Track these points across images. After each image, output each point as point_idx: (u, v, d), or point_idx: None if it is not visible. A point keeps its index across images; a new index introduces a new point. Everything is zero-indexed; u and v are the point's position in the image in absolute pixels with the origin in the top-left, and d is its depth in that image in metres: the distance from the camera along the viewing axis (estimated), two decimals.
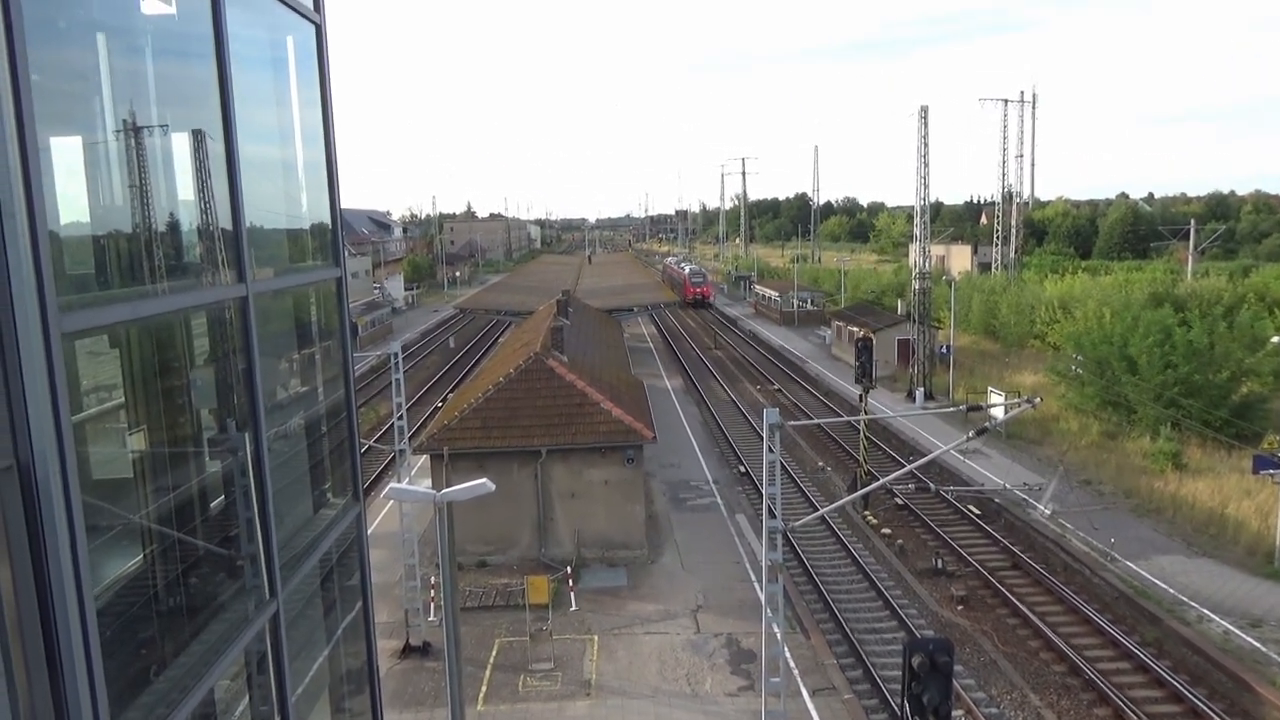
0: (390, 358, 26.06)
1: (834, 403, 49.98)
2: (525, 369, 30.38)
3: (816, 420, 23.94)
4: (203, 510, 7.01)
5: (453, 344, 74.59)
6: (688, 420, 45.85)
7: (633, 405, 31.10)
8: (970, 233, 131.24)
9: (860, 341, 35.02)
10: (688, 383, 57.05)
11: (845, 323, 60.59)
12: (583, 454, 27.83)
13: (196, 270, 6.94)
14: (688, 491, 34.80)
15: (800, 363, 60.85)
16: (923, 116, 47.15)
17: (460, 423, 28.28)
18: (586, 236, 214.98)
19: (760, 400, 52.22)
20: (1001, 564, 28.58)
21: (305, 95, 8.82)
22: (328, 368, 9.15)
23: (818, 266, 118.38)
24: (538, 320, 48.78)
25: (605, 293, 75.17)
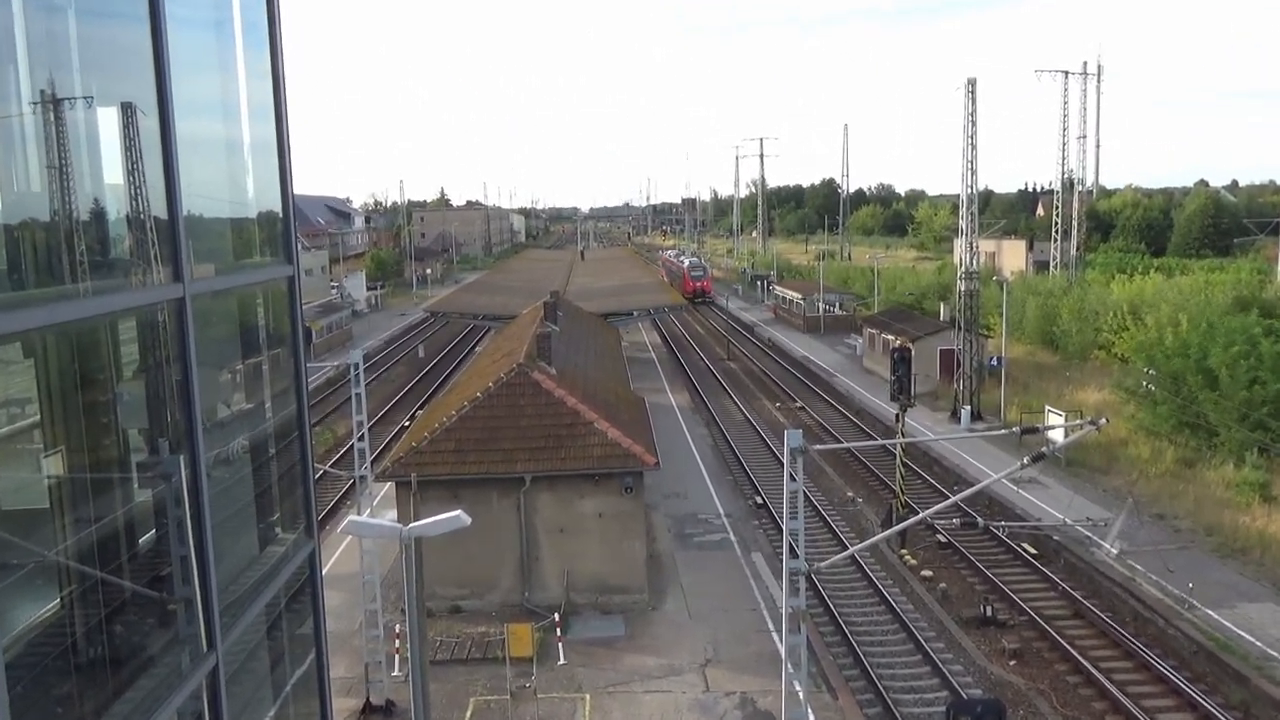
0: (350, 369, 26.06)
1: (866, 423, 49.94)
2: (507, 383, 30.37)
3: (845, 444, 23.93)
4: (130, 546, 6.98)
5: (422, 353, 74.65)
6: (696, 443, 45.83)
7: (632, 425, 31.05)
8: (1025, 226, 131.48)
9: (896, 352, 35.02)
10: (696, 399, 57.04)
11: (879, 330, 60.64)
12: (573, 482, 27.80)
13: (125, 267, 6.93)
14: (695, 526, 34.73)
15: (827, 376, 60.86)
16: (970, 91, 47.28)
17: (431, 445, 28.24)
18: (579, 228, 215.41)
19: (780, 420, 52.17)
20: (1061, 612, 28.49)
21: (253, 63, 8.83)
22: (277, 380, 9.13)
23: (847, 264, 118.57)
24: (521, 326, 48.78)
25: (600, 294, 75.25)
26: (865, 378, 59.60)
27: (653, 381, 59.70)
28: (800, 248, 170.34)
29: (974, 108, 47.29)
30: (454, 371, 65.55)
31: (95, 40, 6.76)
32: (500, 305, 69.50)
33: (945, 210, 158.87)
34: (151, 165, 6.92)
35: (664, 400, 54.39)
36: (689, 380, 63.05)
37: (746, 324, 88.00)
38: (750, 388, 61.24)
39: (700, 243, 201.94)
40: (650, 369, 64.79)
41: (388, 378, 67.19)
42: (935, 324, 58.38)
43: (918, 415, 47.14)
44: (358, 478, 25.61)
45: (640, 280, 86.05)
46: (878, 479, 41.14)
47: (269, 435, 8.98)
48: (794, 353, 70.32)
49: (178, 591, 7.06)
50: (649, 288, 79.67)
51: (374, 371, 67.37)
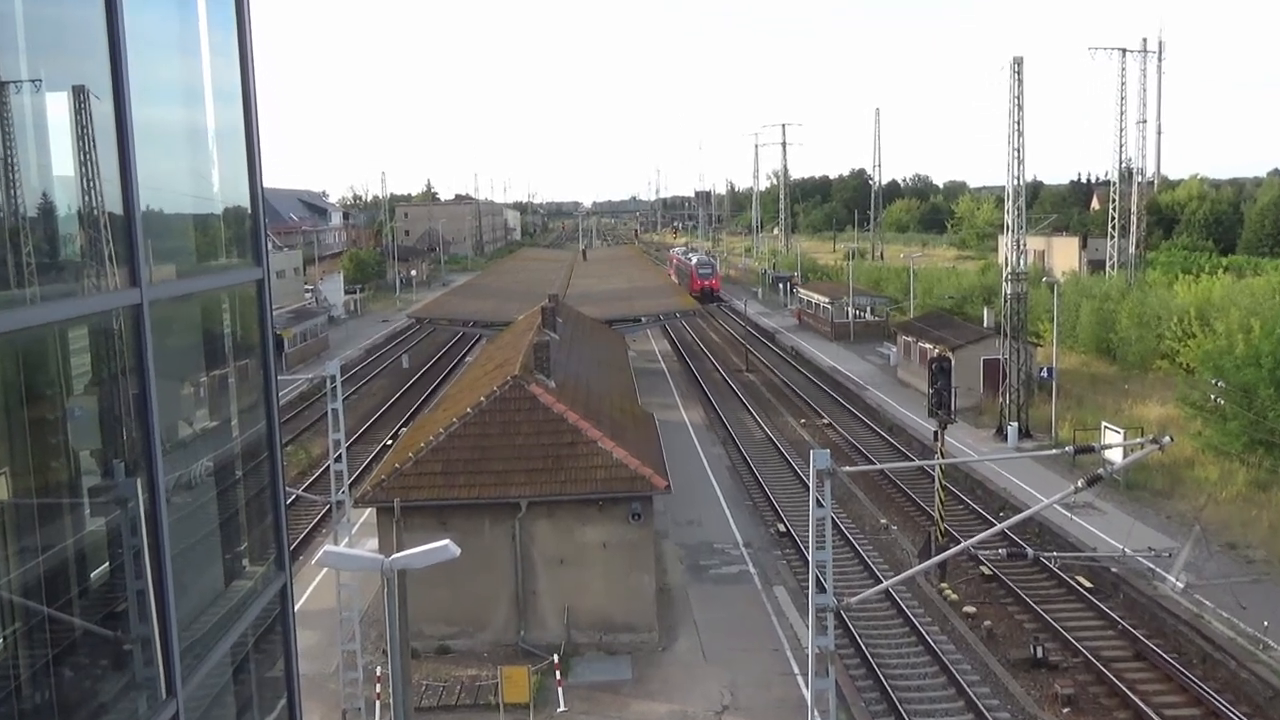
0: (326, 381, 26.12)
1: (901, 442, 49.86)
2: (500, 397, 30.38)
3: (878, 465, 23.87)
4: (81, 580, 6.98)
5: (406, 364, 74.80)
6: (711, 464, 45.80)
7: (640, 444, 31.03)
8: (1078, 221, 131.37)
9: (935, 362, 34.97)
10: (711, 415, 57.01)
11: (915, 338, 60.59)
12: (575, 508, 27.78)
13: (76, 269, 6.94)
14: (711, 557, 34.68)
15: (857, 389, 60.81)
16: (1015, 71, 47.28)
17: (416, 466, 28.26)
18: (580, 225, 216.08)
19: (805, 438, 52.11)
20: (1120, 653, 28.37)
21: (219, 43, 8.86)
22: (245, 394, 9.14)
23: (880, 264, 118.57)
24: (517, 333, 48.83)
25: (604, 298, 75.33)
26: (900, 391, 59.52)
27: (663, 395, 59.69)
28: (827, 246, 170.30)
29: (1020, 90, 47.29)
30: (441, 384, 65.64)
31: (43, 17, 6.78)
32: (493, 310, 69.59)
33: (989, 204, 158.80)
34: (105, 156, 6.94)
35: (675, 416, 54.38)
36: (703, 394, 63.03)
37: (767, 331, 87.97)
38: (772, 402, 61.19)
39: (715, 240, 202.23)
40: (660, 381, 64.80)
41: (368, 391, 67.31)
42: (978, 331, 58.27)
43: (959, 433, 47.06)
44: (334, 503, 25.64)
45: (648, 282, 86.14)
46: (914, 504, 41.04)
47: (236, 456, 8.99)
48: (820, 363, 70.28)
49: (134, 630, 7.06)
50: (658, 290, 79.74)
51: (353, 384, 67.49)
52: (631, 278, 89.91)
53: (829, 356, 72.05)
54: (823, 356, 72.29)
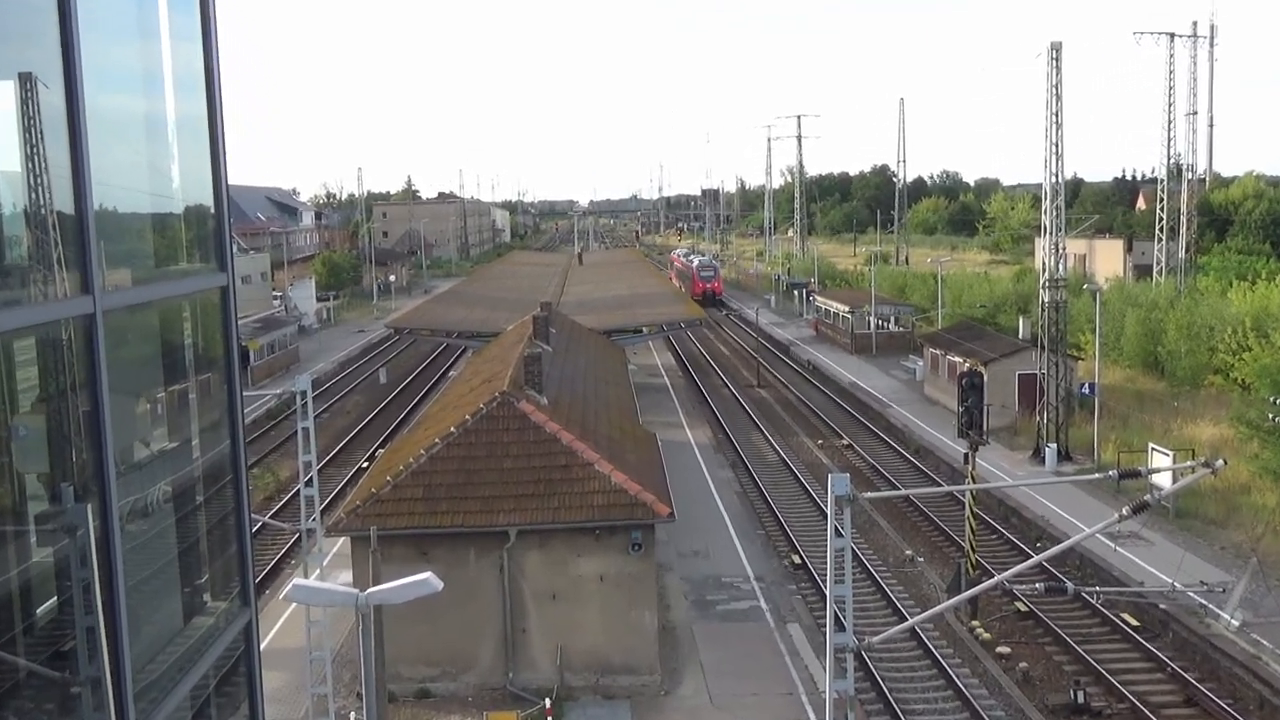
0: (295, 397, 26.13)
1: (928, 465, 49.85)
2: (487, 415, 30.39)
3: (903, 490, 23.89)
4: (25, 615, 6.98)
5: (384, 378, 74.85)
6: (719, 490, 45.79)
7: (641, 467, 31.03)
8: (1122, 222, 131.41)
9: (965, 377, 34.97)
10: (719, 435, 57.03)
11: (944, 350, 60.63)
12: (569, 537, 27.77)
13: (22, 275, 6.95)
14: (719, 591, 34.65)
15: (879, 407, 60.82)
16: (1053, 58, 47.42)
17: (394, 492, 28.25)
18: (576, 225, 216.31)
19: (823, 461, 52.10)
20: (1170, 698, 28.31)
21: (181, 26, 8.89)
22: (208, 412, 9.15)
23: (904, 270, 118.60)
24: (505, 345, 48.87)
25: (602, 306, 75.41)
26: (927, 409, 59.52)
27: (666, 413, 59.71)
28: (847, 249, 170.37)
29: (1058, 78, 47.41)
30: (423, 401, 65.65)
31: None
32: (479, 320, 69.64)
33: (1024, 203, 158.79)
34: (55, 149, 6.95)
35: (680, 436, 54.38)
36: (711, 412, 63.03)
37: (781, 342, 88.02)
38: (786, 421, 61.18)
39: (724, 242, 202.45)
40: (663, 398, 64.83)
41: (342, 409, 67.31)
42: (1013, 343, 58.28)
43: (992, 455, 47.04)
44: (304, 531, 25.62)
45: (651, 289, 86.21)
46: (942, 533, 41.00)
47: (197, 479, 8.99)
48: (839, 378, 70.31)
49: (83, 671, 7.05)
50: (661, 298, 79.80)
51: (325, 401, 67.47)
52: (632, 284, 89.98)
53: (849, 371, 72.07)
54: (842, 371, 72.31)
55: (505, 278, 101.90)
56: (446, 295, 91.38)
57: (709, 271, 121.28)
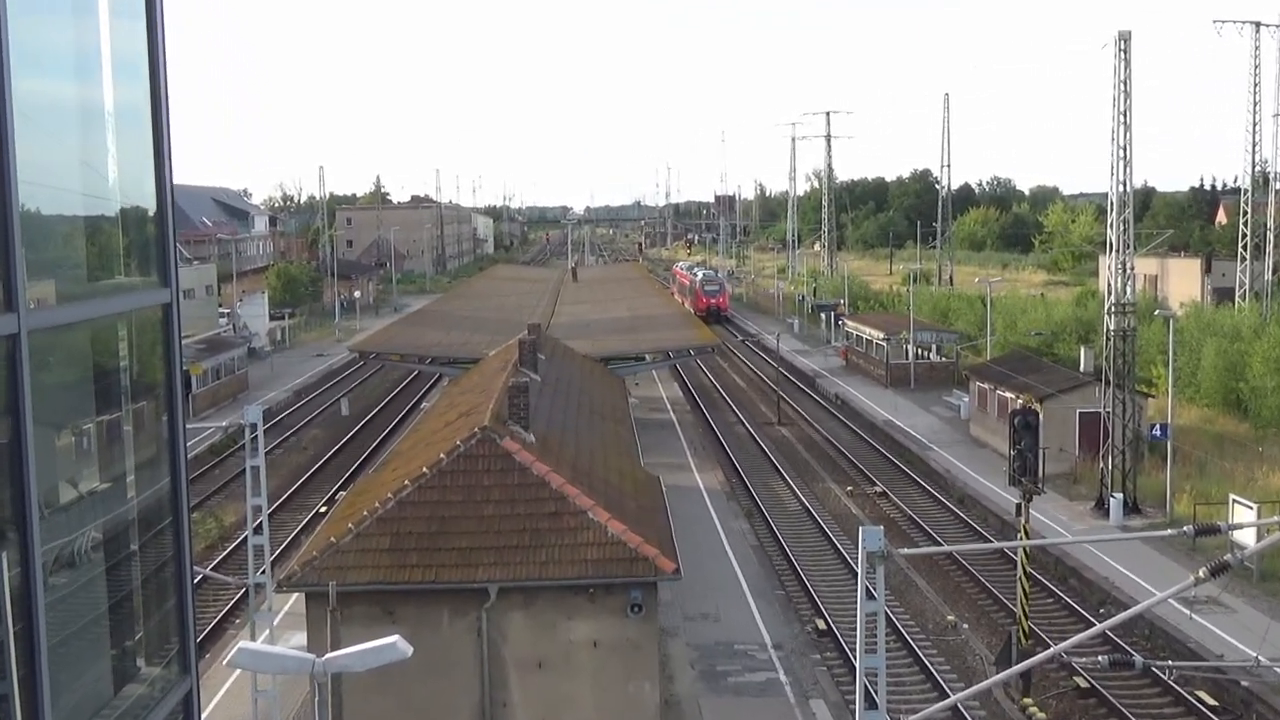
0: (244, 431, 26.11)
1: (973, 517, 49.75)
2: (465, 454, 30.36)
3: (945, 546, 23.86)
4: None
5: (346, 409, 74.81)
6: (732, 542, 45.72)
7: (642, 516, 30.97)
8: (1200, 238, 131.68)
9: (1018, 416, 34.90)
10: (733, 480, 56.97)
11: (993, 384, 60.60)
12: (558, 597, 27.69)
13: None
14: (731, 661, 34.53)
15: (919, 449, 60.75)
16: (1121, 50, 47.61)
17: (357, 541, 28.19)
18: (570, 235, 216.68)
19: (852, 511, 52.01)
20: None
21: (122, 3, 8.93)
22: (145, 447, 9.16)
23: (948, 291, 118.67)
24: (487, 374, 48.88)
25: (599, 329, 75.42)
26: (973, 451, 59.43)
27: (672, 454, 59.64)
28: (881, 266, 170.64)
29: (1127, 73, 47.58)
30: (390, 437, 65.59)
31: None
32: (457, 344, 69.64)
33: (1087, 215, 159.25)
34: None
35: (687, 480, 54.32)
36: (723, 453, 62.96)
37: (805, 373, 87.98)
38: (810, 464, 61.10)
39: (741, 257, 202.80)
40: (669, 436, 64.77)
41: (297, 444, 67.25)
42: (1073, 376, 58.21)
43: (1048, 506, 46.95)
44: (251, 586, 25.59)
45: (655, 309, 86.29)
46: (990, 596, 40.86)
47: (132, 524, 8.99)
48: (872, 415, 70.25)
49: None
50: (667, 321, 79.85)
51: (278, 434, 67.40)
52: (634, 304, 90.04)
53: (883, 407, 72.02)
54: (875, 407, 72.27)
55: (487, 295, 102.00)
56: (419, 315, 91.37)
57: (714, 286, 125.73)
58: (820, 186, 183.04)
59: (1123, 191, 48.30)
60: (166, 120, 9.05)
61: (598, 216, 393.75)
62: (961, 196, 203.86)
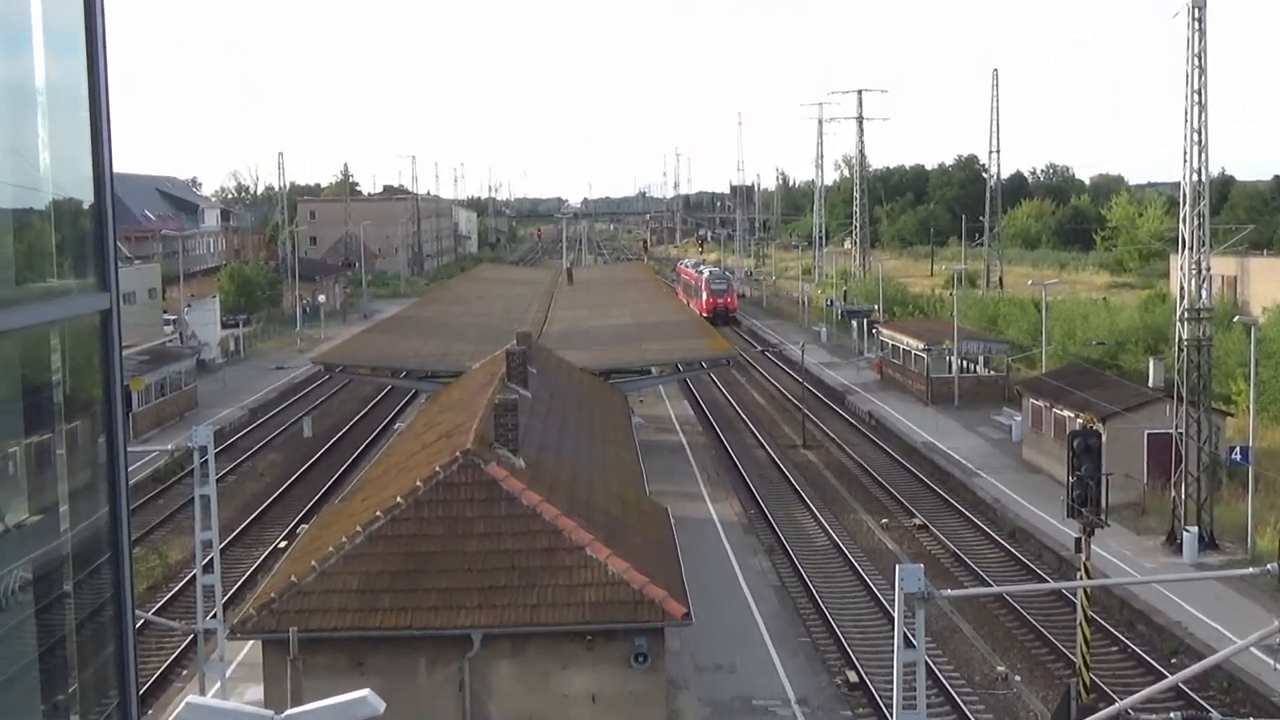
0: (192, 455, 26.13)
1: (1026, 553, 49.64)
2: (446, 481, 30.37)
3: (994, 587, 23.88)
4: None
5: (309, 431, 74.80)
6: (750, 583, 45.68)
7: (648, 552, 30.97)
8: None
9: (1078, 438, 34.90)
10: (752, 511, 56.88)
11: (1049, 401, 60.53)
12: (552, 644, 27.70)
13: None
14: (749, 718, 34.48)
15: (964, 476, 60.68)
16: (1195, 18, 47.54)
17: (322, 581, 28.20)
18: (565, 231, 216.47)
19: (888, 547, 51.92)
20: None
21: None
22: (80, 472, 9.17)
23: (998, 295, 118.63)
24: (470, 389, 48.90)
25: (598, 338, 75.39)
26: (1026, 478, 59.34)
27: (682, 481, 59.63)
28: (921, 266, 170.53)
29: (1202, 45, 47.51)
30: (360, 461, 65.62)
31: None
32: (436, 355, 69.64)
33: (1156, 208, 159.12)
34: None
35: (699, 511, 54.29)
36: (741, 480, 62.91)
37: (834, 388, 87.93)
38: (840, 493, 61.03)
39: (761, 256, 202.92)
40: (679, 461, 64.75)
41: (253, 470, 67.25)
42: (1140, 392, 58.12)
43: (1112, 540, 46.87)
44: (201, 632, 25.61)
45: (663, 315, 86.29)
46: (1045, 643, 40.77)
47: (65, 561, 8.99)
48: (911, 436, 70.19)
49: None
50: (677, 329, 79.82)
51: (231, 459, 67.39)
52: (638, 309, 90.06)
53: (923, 427, 71.95)
54: (914, 428, 72.20)
55: (471, 299, 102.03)
56: (393, 322, 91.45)
57: (721, 284, 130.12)
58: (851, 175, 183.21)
59: (1197, 181, 48.19)
60: (106, 100, 9.06)
61: (597, 209, 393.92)
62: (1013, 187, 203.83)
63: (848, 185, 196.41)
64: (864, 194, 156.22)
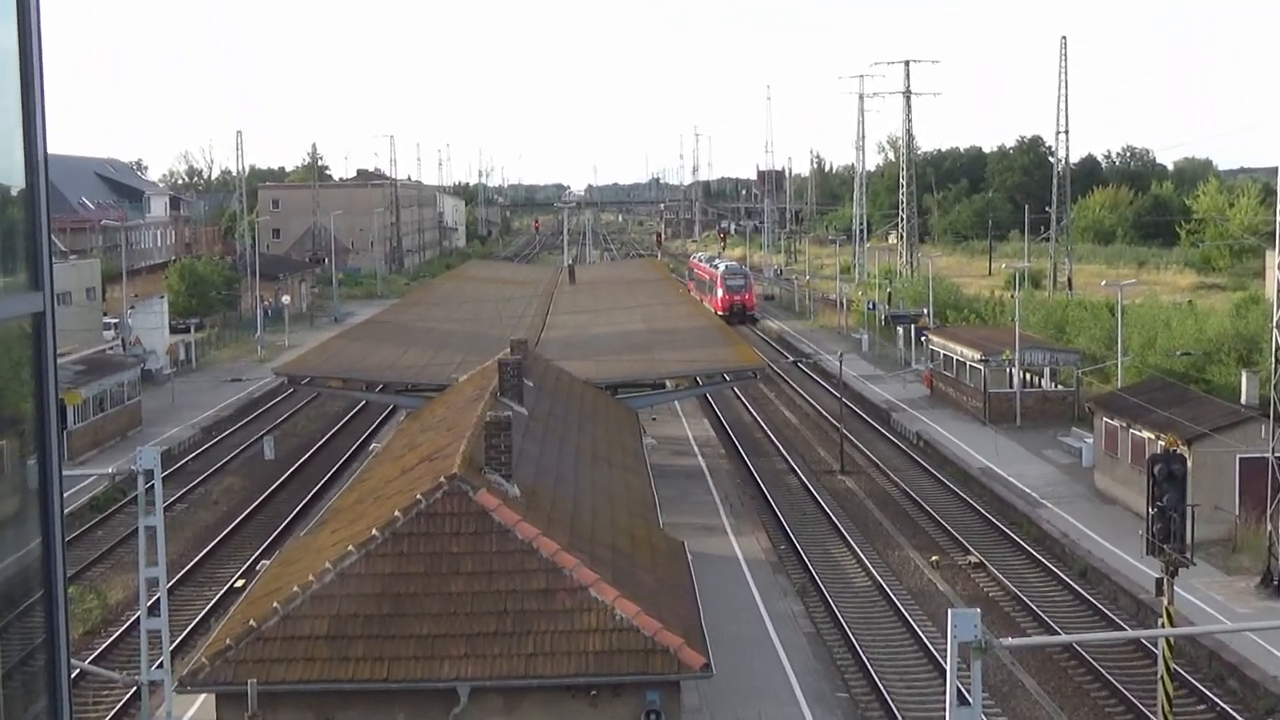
0: (137, 479, 26.12)
1: (1100, 596, 49.54)
2: (429, 511, 30.37)
3: (1061, 636, 23.88)
4: None
5: (271, 452, 74.81)
6: (779, 629, 45.64)
7: (661, 594, 30.94)
8: None
9: (1160, 463, 34.86)
10: (782, 547, 56.83)
11: (1126, 421, 60.41)
12: (550, 700, 27.70)
13: None
14: None
15: (1028, 507, 60.58)
16: None
17: (284, 626, 28.20)
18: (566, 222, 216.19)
19: (939, 589, 51.83)
20: None
21: None
22: (6, 500, 9.20)
23: (1066, 298, 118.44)
24: (456, 406, 48.91)
25: (604, 347, 75.34)
26: (1098, 510, 59.25)
27: (701, 511, 59.59)
28: (978, 264, 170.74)
29: None
30: (329, 487, 65.64)
31: None
32: (418, 366, 69.63)
33: (1250, 197, 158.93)
34: None
35: (722, 547, 54.26)
36: (769, 511, 62.89)
37: (877, 405, 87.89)
38: (883, 526, 60.96)
39: (793, 251, 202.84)
40: (697, 488, 64.70)
41: (206, 497, 67.28)
42: (1232, 411, 58.01)
43: (1199, 582, 46.83)
44: (145, 684, 25.60)
45: (679, 321, 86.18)
46: (1121, 700, 40.72)
47: None
48: (966, 461, 70.10)
49: None
50: (695, 336, 79.69)
51: (180, 484, 67.44)
52: (651, 313, 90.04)
53: (980, 450, 71.84)
54: (970, 450, 72.12)
55: (458, 302, 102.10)
56: (368, 327, 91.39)
57: (738, 280, 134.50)
58: (897, 159, 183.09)
59: None
60: (39, 73, 9.10)
61: (603, 198, 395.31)
62: (1084, 172, 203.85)
63: (893, 170, 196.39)
64: (912, 180, 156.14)
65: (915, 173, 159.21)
